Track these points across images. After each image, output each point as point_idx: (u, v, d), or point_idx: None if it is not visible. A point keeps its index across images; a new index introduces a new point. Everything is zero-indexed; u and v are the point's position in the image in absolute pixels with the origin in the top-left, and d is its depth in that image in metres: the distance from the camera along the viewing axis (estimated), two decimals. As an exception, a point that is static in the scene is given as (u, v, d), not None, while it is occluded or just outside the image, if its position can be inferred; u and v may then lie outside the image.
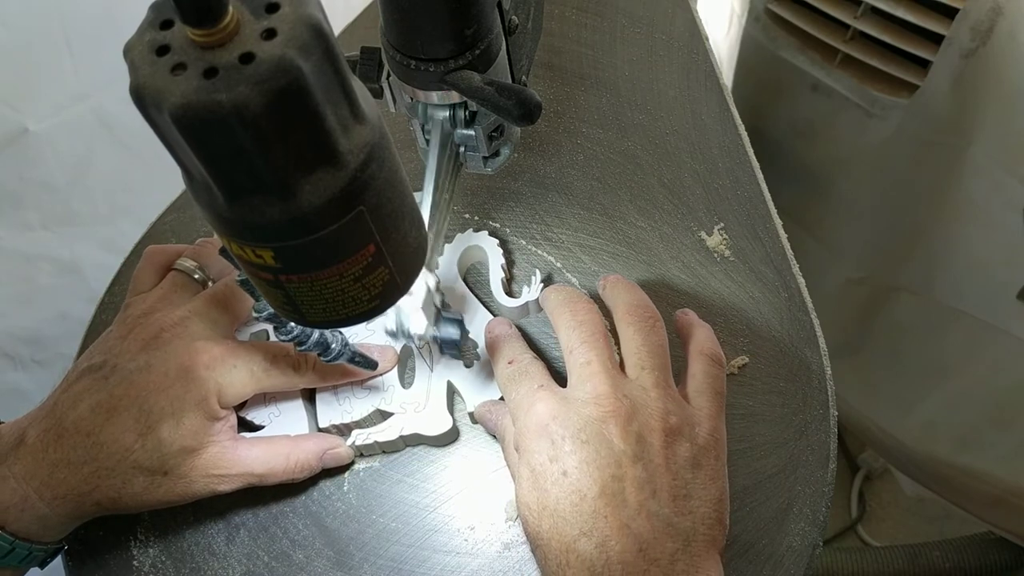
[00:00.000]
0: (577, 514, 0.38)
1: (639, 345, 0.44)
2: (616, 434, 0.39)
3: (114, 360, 0.45)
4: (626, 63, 0.64)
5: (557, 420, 0.40)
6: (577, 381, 0.42)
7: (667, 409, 0.41)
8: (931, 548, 1.12)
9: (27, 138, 0.82)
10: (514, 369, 0.45)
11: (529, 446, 0.41)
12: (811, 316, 0.52)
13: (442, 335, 0.46)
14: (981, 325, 0.78)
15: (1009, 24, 0.62)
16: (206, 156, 0.26)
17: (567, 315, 0.45)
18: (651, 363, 0.43)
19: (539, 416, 0.41)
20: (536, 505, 0.39)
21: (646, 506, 0.38)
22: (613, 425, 0.40)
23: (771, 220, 0.56)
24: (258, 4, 0.25)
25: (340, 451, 0.49)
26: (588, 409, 0.40)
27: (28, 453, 0.43)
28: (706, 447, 0.41)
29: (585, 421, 0.40)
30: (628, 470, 0.39)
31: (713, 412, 0.43)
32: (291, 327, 0.44)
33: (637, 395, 0.41)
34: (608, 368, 0.42)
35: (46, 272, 0.90)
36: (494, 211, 0.59)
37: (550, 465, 0.39)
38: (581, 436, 0.39)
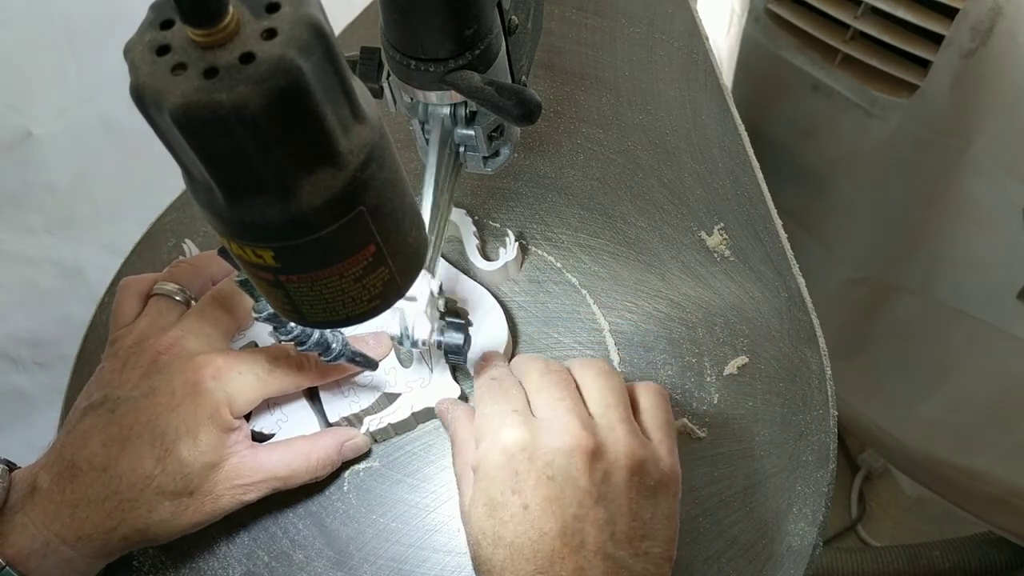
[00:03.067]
0: (535, 551, 0.38)
1: (601, 386, 0.44)
2: (582, 471, 0.39)
3: (116, 393, 0.44)
4: (626, 63, 0.64)
5: (525, 451, 0.40)
6: (549, 415, 0.42)
7: (632, 445, 0.41)
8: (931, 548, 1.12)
9: (30, 141, 0.82)
10: (496, 384, 0.45)
11: (491, 472, 0.40)
12: (811, 316, 0.52)
13: (446, 340, 0.46)
14: (981, 325, 0.77)
15: (1009, 24, 0.62)
16: (206, 156, 0.26)
17: (535, 368, 0.46)
18: (614, 401, 0.43)
19: (506, 443, 0.41)
20: (491, 534, 0.39)
21: (604, 549, 0.38)
22: (580, 462, 0.40)
23: (771, 220, 0.56)
24: (258, 4, 0.25)
25: (357, 440, 0.49)
26: (557, 442, 0.40)
27: (44, 498, 0.42)
28: (666, 483, 0.42)
29: (553, 456, 0.40)
30: (591, 511, 0.39)
31: (669, 445, 0.43)
32: (291, 327, 0.44)
33: (605, 433, 0.41)
34: (579, 406, 0.43)
35: (49, 275, 0.91)
36: (494, 211, 0.59)
37: (512, 497, 0.39)
38: (547, 471, 0.39)
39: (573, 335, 0.53)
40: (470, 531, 0.41)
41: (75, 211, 0.89)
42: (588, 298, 0.55)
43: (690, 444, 0.49)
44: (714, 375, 0.51)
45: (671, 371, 0.52)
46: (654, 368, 0.52)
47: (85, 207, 0.90)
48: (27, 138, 0.81)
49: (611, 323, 0.54)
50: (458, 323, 0.46)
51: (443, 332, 0.46)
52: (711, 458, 0.49)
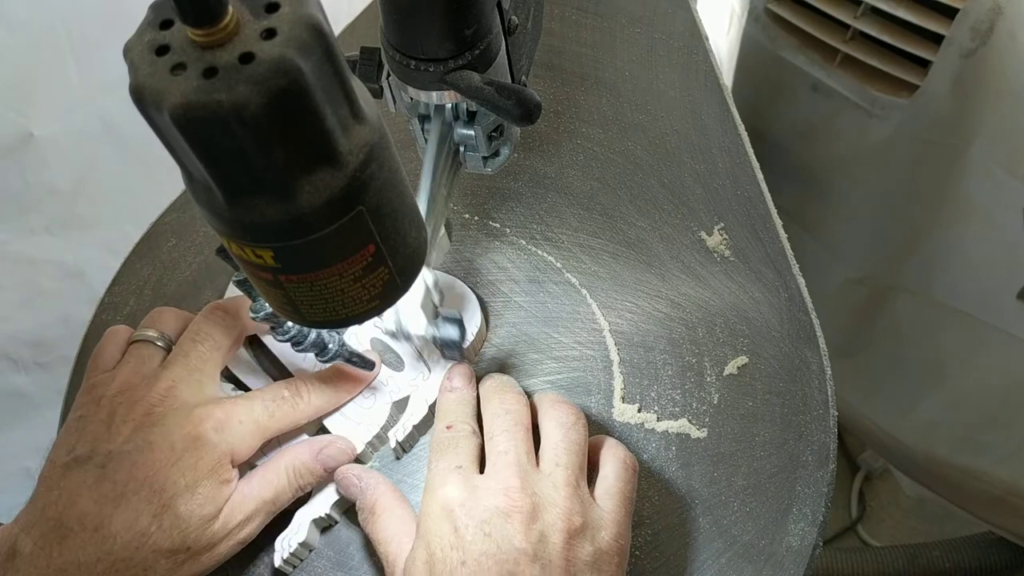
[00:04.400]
0: None
1: (557, 441, 0.44)
2: (518, 531, 0.39)
3: (105, 447, 0.41)
4: (626, 63, 0.64)
5: (464, 508, 0.40)
6: (491, 469, 0.43)
7: (572, 509, 0.41)
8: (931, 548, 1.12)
9: (32, 143, 0.82)
10: (447, 437, 0.45)
11: (431, 527, 0.40)
12: (811, 316, 0.52)
13: (441, 335, 0.46)
14: (981, 325, 0.77)
15: (1009, 24, 0.62)
16: (206, 156, 0.26)
17: (495, 402, 0.46)
18: (566, 460, 0.43)
19: (446, 500, 0.41)
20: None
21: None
22: (517, 522, 0.40)
23: (771, 220, 0.56)
24: (258, 4, 0.25)
25: (335, 447, 0.47)
26: (496, 500, 0.40)
27: (27, 563, 0.39)
28: (608, 552, 0.41)
29: (491, 513, 0.40)
30: (525, 568, 0.39)
31: (620, 517, 0.43)
32: (288, 327, 0.44)
33: (546, 492, 0.41)
34: (522, 462, 0.42)
35: (50, 276, 0.91)
36: (494, 211, 0.59)
37: (450, 552, 0.39)
38: (484, 528, 0.39)
39: (573, 335, 0.53)
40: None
41: (76, 212, 0.89)
42: (588, 298, 0.55)
43: (690, 444, 0.49)
44: (714, 375, 0.51)
45: (671, 371, 0.52)
46: (654, 368, 0.52)
47: (86, 208, 0.90)
48: (28, 139, 0.82)
49: (611, 323, 0.54)
50: (454, 317, 0.46)
51: (438, 327, 0.46)
52: (711, 458, 0.49)
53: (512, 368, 0.52)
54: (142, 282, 0.59)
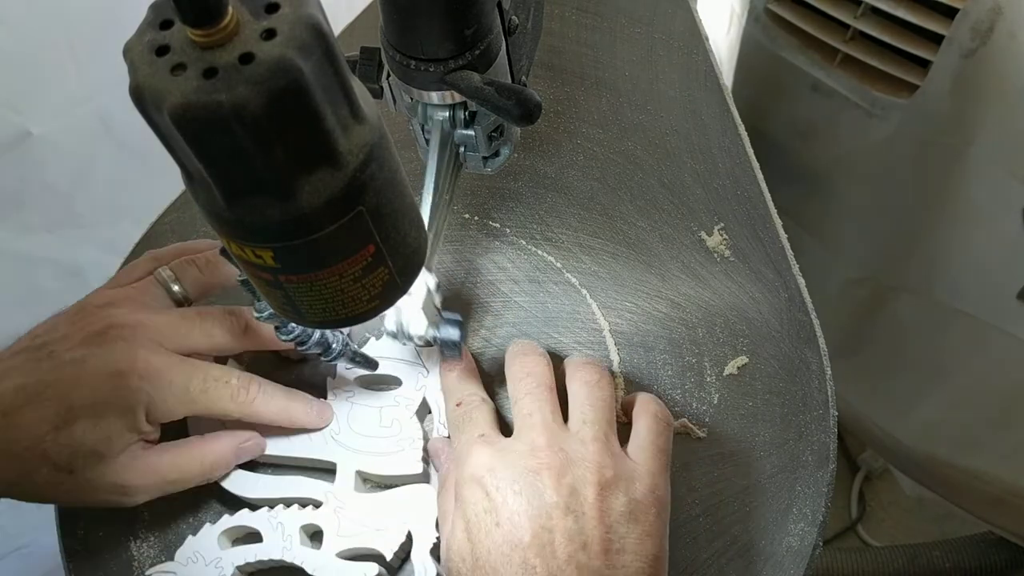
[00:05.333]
0: (507, 565, 0.38)
1: (583, 399, 0.44)
2: (548, 486, 0.40)
3: (53, 346, 0.43)
4: (626, 63, 0.64)
5: (493, 472, 0.41)
6: (517, 432, 0.43)
7: (602, 463, 0.41)
8: (931, 548, 1.12)
9: (30, 141, 0.82)
10: (460, 413, 0.46)
11: (465, 495, 0.41)
12: (811, 316, 0.52)
13: (442, 336, 0.46)
14: (981, 325, 0.77)
15: (1009, 24, 0.62)
16: (206, 156, 0.26)
17: (517, 366, 0.46)
18: (593, 417, 0.43)
19: (475, 467, 0.41)
20: (469, 557, 0.40)
21: (575, 558, 0.38)
22: (547, 476, 0.40)
23: (771, 220, 0.56)
24: (258, 4, 0.25)
25: (253, 442, 0.47)
26: (524, 460, 0.41)
27: None
28: (644, 502, 0.41)
29: (520, 472, 0.40)
30: (558, 521, 0.39)
31: (655, 468, 0.43)
32: (291, 327, 0.44)
33: (574, 448, 0.41)
34: (548, 421, 0.43)
35: (48, 274, 0.90)
36: (494, 211, 0.59)
37: (484, 516, 0.40)
38: (514, 487, 0.40)
39: (573, 335, 0.53)
40: (452, 556, 0.41)
41: (74, 210, 0.89)
42: (588, 298, 0.55)
43: (690, 444, 0.49)
44: (714, 375, 0.51)
45: (671, 371, 0.52)
46: (654, 368, 0.52)
47: (84, 206, 0.89)
48: (26, 137, 0.81)
49: (611, 323, 0.54)
50: (454, 319, 0.46)
51: (439, 328, 0.46)
52: (711, 458, 0.49)
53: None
54: (142, 282, 0.59)
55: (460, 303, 0.55)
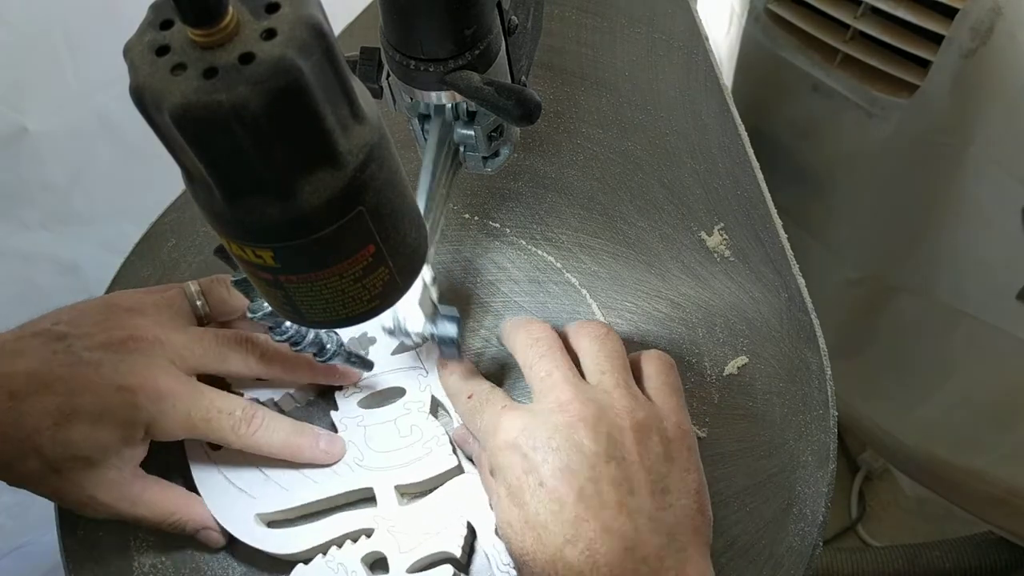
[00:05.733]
0: (558, 522, 0.38)
1: (596, 352, 0.44)
2: (586, 436, 0.39)
3: (73, 340, 0.43)
4: (626, 63, 0.64)
5: (525, 432, 0.40)
6: (540, 394, 0.43)
7: (631, 406, 0.41)
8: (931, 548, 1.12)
9: (27, 138, 0.82)
10: (474, 402, 0.45)
11: (501, 463, 0.41)
12: (811, 316, 0.52)
13: (439, 332, 0.46)
14: (981, 325, 0.77)
15: (1009, 24, 0.61)
16: (206, 156, 0.26)
17: (522, 334, 0.46)
18: (610, 366, 0.43)
19: (507, 433, 0.41)
20: (518, 521, 0.39)
21: (626, 504, 0.38)
22: (582, 428, 0.40)
23: (771, 220, 0.56)
24: (258, 4, 0.25)
25: (212, 535, 0.47)
26: (555, 417, 0.40)
27: None
28: (676, 439, 0.42)
29: (553, 429, 0.40)
30: (603, 470, 0.39)
31: (676, 406, 0.43)
32: (287, 327, 0.44)
33: (601, 398, 0.41)
34: (569, 376, 0.43)
35: (46, 272, 0.90)
36: (494, 211, 0.59)
37: (525, 478, 0.39)
38: (551, 443, 0.39)
39: (573, 335, 0.53)
40: (502, 527, 0.40)
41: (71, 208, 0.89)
42: (588, 298, 0.55)
43: (690, 444, 0.49)
44: (714, 375, 0.51)
45: (671, 371, 0.52)
46: (654, 368, 0.52)
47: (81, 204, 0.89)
48: (23, 134, 0.81)
49: (611, 323, 0.54)
50: (451, 315, 0.46)
51: (436, 323, 0.46)
52: (711, 458, 0.48)
53: (512, 368, 0.52)
54: (142, 282, 0.59)
55: (460, 303, 0.55)
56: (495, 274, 0.56)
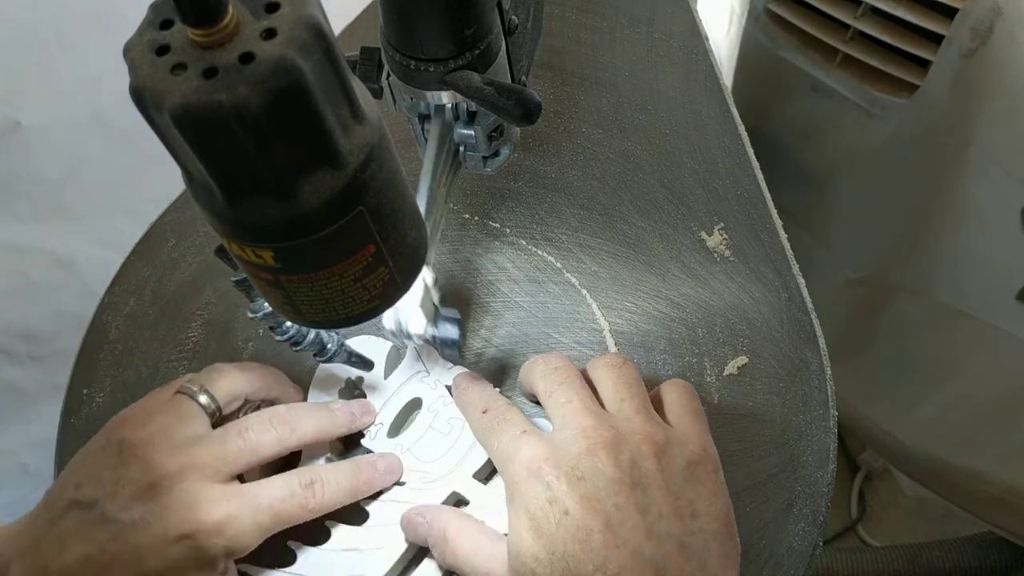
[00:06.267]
0: (587, 551, 0.37)
1: (614, 380, 0.44)
2: (608, 463, 0.39)
3: (106, 504, 0.40)
4: (626, 63, 0.64)
5: (548, 462, 0.39)
6: (560, 423, 0.42)
7: (652, 431, 0.41)
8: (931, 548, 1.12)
9: (19, 131, 0.82)
10: (490, 418, 0.44)
11: (523, 492, 0.39)
12: (811, 316, 0.52)
13: (440, 334, 0.46)
14: (981, 325, 0.77)
15: (1009, 24, 0.62)
16: (206, 156, 0.26)
17: (540, 366, 0.46)
18: (628, 393, 0.43)
19: (528, 461, 0.40)
20: (545, 554, 0.38)
21: (655, 529, 0.38)
22: (603, 455, 0.39)
23: (771, 220, 0.56)
24: (258, 4, 0.25)
25: None
26: (576, 446, 0.40)
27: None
28: (701, 462, 0.41)
29: (576, 458, 0.39)
30: (628, 497, 0.38)
31: (699, 430, 0.43)
32: (287, 327, 0.44)
33: (622, 424, 0.41)
34: (588, 404, 0.42)
35: (40, 266, 0.90)
36: (494, 211, 0.59)
37: (549, 508, 0.38)
38: (575, 473, 0.39)
39: (573, 335, 0.53)
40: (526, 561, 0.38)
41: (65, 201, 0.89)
42: (588, 298, 0.55)
43: (690, 444, 0.49)
44: (714, 375, 0.51)
45: (671, 371, 0.52)
46: (654, 368, 0.52)
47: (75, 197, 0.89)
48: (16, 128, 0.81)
49: (611, 323, 0.54)
50: (453, 317, 0.46)
51: (438, 326, 0.46)
52: (711, 458, 0.48)
53: (512, 369, 0.52)
54: (142, 282, 0.59)
55: (460, 303, 0.55)
56: (495, 274, 0.56)
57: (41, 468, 0.97)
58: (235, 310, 0.57)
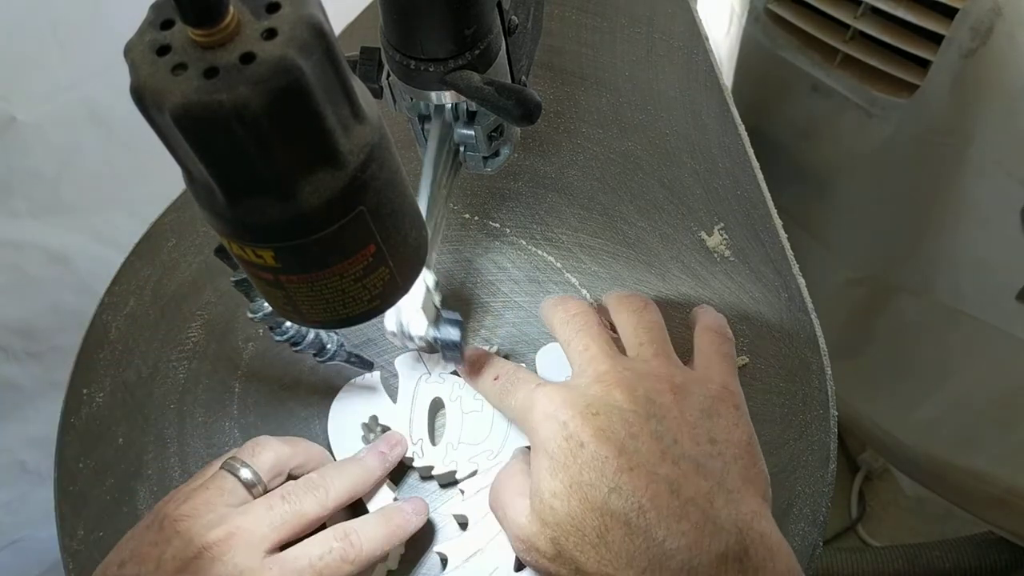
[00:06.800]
0: (602, 477, 0.37)
1: (635, 325, 0.44)
2: (623, 399, 0.40)
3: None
4: (626, 63, 0.64)
5: (564, 404, 0.40)
6: (578, 369, 0.43)
7: (670, 372, 0.42)
8: (931, 548, 1.12)
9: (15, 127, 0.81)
10: (503, 383, 0.45)
11: (541, 435, 0.40)
12: (811, 316, 0.52)
13: (441, 336, 0.46)
14: (981, 325, 0.78)
15: (1009, 25, 0.62)
16: (206, 156, 0.26)
17: (560, 312, 0.46)
18: (648, 338, 0.44)
19: (544, 407, 0.41)
20: (562, 487, 0.38)
21: (669, 452, 0.38)
22: (618, 393, 0.40)
23: (771, 220, 0.56)
24: (259, 4, 0.25)
25: None
26: (593, 389, 0.41)
27: None
28: (721, 398, 0.41)
29: (591, 398, 0.40)
30: (643, 427, 0.39)
31: (724, 371, 0.43)
32: (287, 327, 0.44)
33: (639, 367, 0.42)
34: (606, 350, 0.43)
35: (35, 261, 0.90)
36: (494, 211, 0.59)
37: (566, 444, 0.39)
38: (590, 410, 0.39)
39: (573, 335, 0.53)
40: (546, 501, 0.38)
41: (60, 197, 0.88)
42: (588, 298, 0.55)
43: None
44: (714, 375, 0.51)
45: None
46: (654, 368, 0.52)
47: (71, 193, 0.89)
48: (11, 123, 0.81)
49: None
50: (454, 319, 0.46)
51: (439, 327, 0.46)
52: (711, 458, 0.48)
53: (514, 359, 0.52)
54: (142, 282, 0.59)
55: (460, 303, 0.55)
56: (495, 274, 0.56)
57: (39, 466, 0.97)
58: (235, 310, 0.57)
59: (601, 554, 0.37)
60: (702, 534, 0.36)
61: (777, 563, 0.37)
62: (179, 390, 0.54)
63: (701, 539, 0.36)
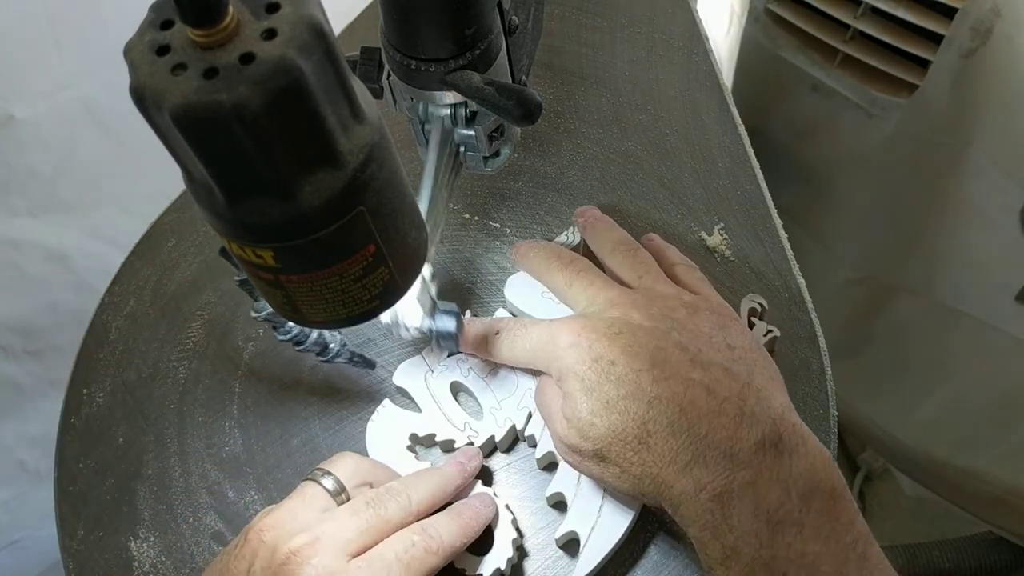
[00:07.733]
0: (638, 389, 0.40)
1: (631, 263, 0.47)
2: (642, 318, 0.42)
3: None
4: (626, 63, 0.64)
5: (584, 330, 0.42)
6: (587, 301, 0.45)
7: (678, 292, 0.45)
8: (931, 548, 1.12)
9: (12, 125, 0.81)
10: (509, 333, 0.46)
11: (568, 363, 0.42)
12: (811, 316, 0.52)
13: (438, 327, 0.46)
14: (981, 325, 0.78)
15: (1008, 25, 0.62)
16: (206, 156, 0.26)
17: (554, 261, 0.48)
18: (646, 269, 0.47)
19: (566, 338, 0.42)
20: (600, 405, 0.40)
21: (698, 359, 0.40)
22: (636, 313, 0.42)
23: (771, 220, 0.56)
24: (258, 4, 0.25)
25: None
26: (610, 312, 0.43)
27: None
28: (722, 312, 0.44)
29: (610, 321, 0.42)
30: (667, 339, 0.41)
31: (711, 292, 0.47)
32: (289, 327, 0.44)
33: (647, 292, 0.45)
34: (609, 281, 0.46)
35: (33, 259, 0.90)
36: (494, 211, 0.59)
37: (595, 365, 0.41)
38: (612, 330, 0.42)
39: (573, 335, 0.53)
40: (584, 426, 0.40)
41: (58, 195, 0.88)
42: (588, 298, 0.55)
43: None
44: (714, 375, 0.51)
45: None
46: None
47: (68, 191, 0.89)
48: (9, 121, 0.81)
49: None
50: (451, 310, 0.46)
51: (435, 318, 0.46)
52: (711, 458, 0.48)
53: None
54: (142, 282, 0.59)
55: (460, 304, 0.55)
56: (495, 274, 0.56)
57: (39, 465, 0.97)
58: (235, 310, 0.57)
59: (643, 457, 0.39)
60: (740, 425, 0.38)
61: (809, 447, 0.39)
62: (179, 390, 0.54)
63: (740, 430, 0.38)
